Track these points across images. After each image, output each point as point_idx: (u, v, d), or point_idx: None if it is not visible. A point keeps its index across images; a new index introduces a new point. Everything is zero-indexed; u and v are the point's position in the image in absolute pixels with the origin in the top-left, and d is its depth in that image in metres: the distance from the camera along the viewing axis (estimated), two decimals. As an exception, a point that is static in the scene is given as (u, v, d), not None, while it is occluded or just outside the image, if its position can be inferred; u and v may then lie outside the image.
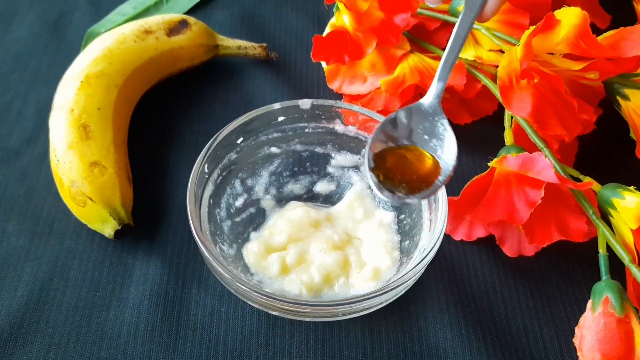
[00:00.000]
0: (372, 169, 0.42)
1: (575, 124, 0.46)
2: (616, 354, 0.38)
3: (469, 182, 0.47)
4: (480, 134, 0.55)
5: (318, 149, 0.50)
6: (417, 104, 0.44)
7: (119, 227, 0.47)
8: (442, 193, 0.44)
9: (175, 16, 0.58)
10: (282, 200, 0.50)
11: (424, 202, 0.46)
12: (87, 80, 0.51)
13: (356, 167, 0.50)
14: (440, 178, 0.42)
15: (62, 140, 0.49)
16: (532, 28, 0.43)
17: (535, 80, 0.44)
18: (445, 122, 0.44)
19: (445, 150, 0.43)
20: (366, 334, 0.45)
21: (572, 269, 0.48)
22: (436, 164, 0.43)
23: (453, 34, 0.44)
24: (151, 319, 0.45)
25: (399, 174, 0.42)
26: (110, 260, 0.48)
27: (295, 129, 0.49)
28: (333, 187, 0.51)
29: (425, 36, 0.58)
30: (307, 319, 0.43)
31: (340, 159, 0.50)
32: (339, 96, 0.56)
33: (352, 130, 0.49)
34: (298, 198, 0.50)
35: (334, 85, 0.56)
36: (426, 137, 0.44)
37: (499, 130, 0.49)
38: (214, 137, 0.46)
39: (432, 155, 0.43)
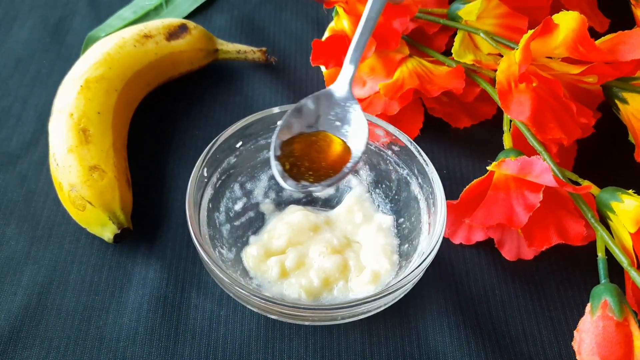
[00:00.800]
0: (277, 158, 0.41)
1: (574, 128, 0.46)
2: (615, 357, 0.38)
3: (467, 186, 0.47)
4: (480, 138, 0.56)
5: (317, 153, 0.51)
6: (328, 90, 0.44)
7: (119, 231, 0.47)
8: (441, 196, 0.44)
9: (175, 20, 0.58)
10: (281, 204, 0.50)
11: (423, 206, 0.46)
12: (87, 84, 0.51)
13: (355, 171, 0.50)
14: (349, 165, 0.41)
15: (61, 144, 0.49)
16: (530, 32, 0.43)
17: (534, 84, 0.44)
18: (357, 107, 0.43)
19: (356, 136, 0.42)
20: (365, 337, 0.45)
21: (571, 272, 0.48)
22: (347, 150, 0.42)
23: (363, 17, 0.44)
24: (150, 323, 0.45)
25: (306, 162, 0.42)
26: (109, 264, 0.48)
27: (294, 132, 0.49)
28: (332, 191, 0.51)
29: (424, 40, 0.58)
30: (306, 323, 0.43)
31: (340, 162, 0.50)
32: (338, 100, 0.56)
33: (351, 134, 0.49)
34: (297, 202, 0.50)
35: (333, 89, 0.56)
36: (338, 123, 0.43)
37: (498, 134, 0.49)
38: (213, 141, 0.46)
39: (343, 141, 0.42)
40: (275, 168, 0.41)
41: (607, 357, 0.39)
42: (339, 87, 0.44)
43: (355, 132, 0.42)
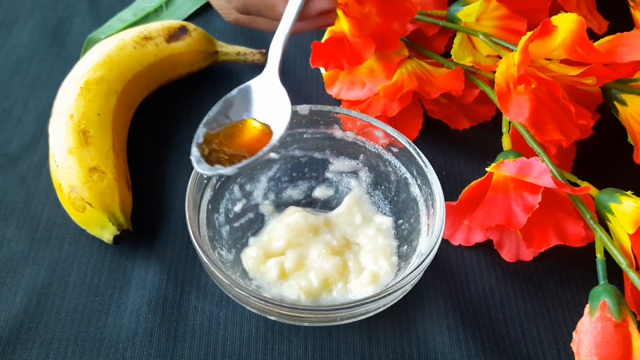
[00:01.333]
0: (198, 145, 0.42)
1: (572, 129, 0.46)
2: (614, 358, 0.38)
3: (467, 187, 0.47)
4: (479, 139, 0.56)
5: (316, 155, 0.51)
6: (255, 79, 0.45)
7: (118, 233, 0.47)
8: (440, 198, 0.44)
9: (175, 22, 0.58)
10: (280, 206, 0.50)
11: (422, 207, 0.46)
12: (87, 86, 0.51)
13: (354, 173, 0.50)
14: (264, 148, 0.42)
15: (61, 145, 0.49)
16: (529, 34, 0.43)
17: (533, 86, 0.44)
18: (282, 90, 0.45)
19: (279, 120, 0.44)
20: (364, 339, 0.45)
21: (570, 273, 0.48)
22: (269, 135, 0.43)
23: (288, 6, 0.45)
24: (150, 324, 0.45)
25: (225, 147, 0.43)
26: (109, 265, 0.48)
27: (293, 134, 0.50)
28: (331, 193, 0.51)
29: (423, 42, 0.58)
30: (306, 324, 0.43)
31: (339, 164, 0.50)
32: (337, 102, 0.57)
33: (350, 135, 0.49)
34: (297, 203, 0.50)
35: (332, 91, 0.56)
36: (266, 108, 0.44)
37: (497, 136, 0.49)
38: (213, 142, 0.46)
39: (267, 127, 0.44)
40: (193, 154, 0.42)
41: (605, 358, 0.38)
42: (266, 74, 0.45)
43: (279, 117, 0.44)
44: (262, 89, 0.45)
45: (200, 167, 0.42)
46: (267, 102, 0.45)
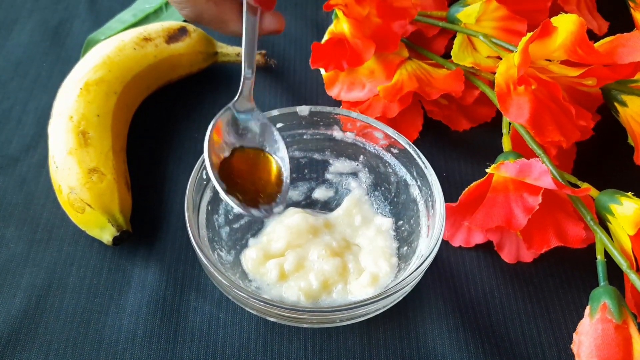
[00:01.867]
0: (228, 193, 0.42)
1: (573, 130, 0.46)
2: (614, 360, 0.38)
3: (467, 189, 0.47)
4: (479, 141, 0.56)
5: (316, 156, 0.51)
6: (231, 107, 0.46)
7: (118, 234, 0.47)
8: (440, 199, 0.44)
9: (175, 23, 0.58)
10: (280, 207, 0.50)
11: (422, 208, 0.46)
12: (87, 87, 0.51)
13: (354, 174, 0.50)
14: (285, 174, 0.44)
15: (61, 146, 0.49)
16: (529, 35, 0.43)
17: (533, 87, 0.44)
18: (261, 115, 0.46)
19: (271, 143, 0.45)
20: (364, 340, 0.45)
21: (570, 275, 0.48)
22: (272, 160, 0.44)
23: (244, 30, 0.47)
24: (149, 326, 0.45)
25: (249, 185, 0.43)
26: (108, 266, 0.48)
27: (293, 135, 0.49)
28: (331, 194, 0.51)
29: (423, 43, 0.58)
30: (305, 326, 0.43)
31: (339, 165, 0.50)
32: (337, 103, 0.57)
33: (350, 136, 0.49)
34: (296, 204, 0.50)
35: (332, 92, 0.56)
36: (249, 135, 0.45)
37: (497, 137, 0.49)
38: (213, 143, 0.46)
39: (262, 150, 0.45)
40: (234, 203, 0.42)
41: (606, 360, 0.39)
42: (241, 100, 0.46)
43: (269, 139, 0.45)
44: (240, 116, 0.46)
45: (255, 213, 0.42)
46: (250, 128, 0.46)
